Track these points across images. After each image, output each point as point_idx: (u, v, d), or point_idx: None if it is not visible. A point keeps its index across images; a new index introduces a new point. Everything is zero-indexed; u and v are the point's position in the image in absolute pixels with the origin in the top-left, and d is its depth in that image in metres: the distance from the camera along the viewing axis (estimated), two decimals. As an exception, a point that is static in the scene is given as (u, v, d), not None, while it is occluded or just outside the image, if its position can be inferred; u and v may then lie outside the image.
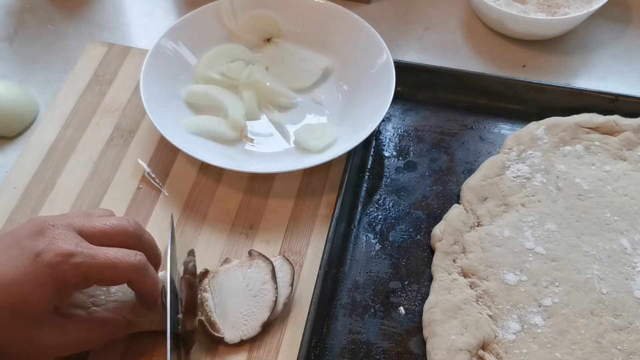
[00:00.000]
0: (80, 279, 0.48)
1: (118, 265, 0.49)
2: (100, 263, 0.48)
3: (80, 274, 0.47)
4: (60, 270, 0.47)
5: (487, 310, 0.57)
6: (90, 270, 0.48)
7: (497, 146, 0.70)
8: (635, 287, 0.58)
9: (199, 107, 0.72)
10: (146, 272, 0.51)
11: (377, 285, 0.60)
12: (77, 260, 0.47)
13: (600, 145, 0.68)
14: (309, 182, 0.68)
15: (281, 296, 0.57)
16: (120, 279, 0.50)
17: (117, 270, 0.49)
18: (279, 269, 0.59)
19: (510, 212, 0.63)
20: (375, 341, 0.57)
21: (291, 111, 0.73)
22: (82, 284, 0.49)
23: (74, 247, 0.48)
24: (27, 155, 0.70)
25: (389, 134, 0.72)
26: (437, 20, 0.85)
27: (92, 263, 0.48)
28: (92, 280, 0.49)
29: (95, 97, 0.75)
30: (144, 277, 0.51)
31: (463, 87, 0.73)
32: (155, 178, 0.68)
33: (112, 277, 0.49)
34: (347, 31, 0.75)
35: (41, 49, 0.82)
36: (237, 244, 0.63)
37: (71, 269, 0.47)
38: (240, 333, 0.55)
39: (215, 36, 0.76)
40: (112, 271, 0.48)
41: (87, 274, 0.48)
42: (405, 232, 0.64)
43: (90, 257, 0.48)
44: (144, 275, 0.51)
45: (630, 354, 0.54)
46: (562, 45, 0.81)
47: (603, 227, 0.62)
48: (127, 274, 0.50)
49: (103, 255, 0.48)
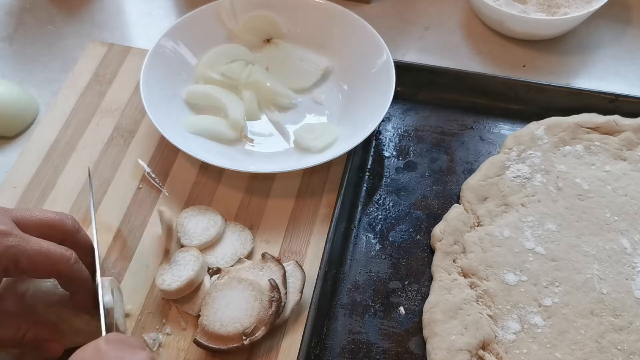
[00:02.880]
0: (10, 262, 0.47)
1: (50, 254, 0.49)
2: (32, 249, 0.48)
3: (12, 257, 0.47)
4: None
5: (487, 310, 0.57)
6: (22, 255, 0.48)
7: (497, 146, 0.70)
8: (635, 287, 0.58)
9: (199, 107, 0.73)
10: (77, 267, 0.51)
11: (377, 285, 0.60)
12: (10, 242, 0.47)
13: (600, 145, 0.68)
14: (309, 182, 0.68)
15: (290, 302, 0.57)
16: (50, 269, 0.50)
17: (48, 259, 0.49)
18: (290, 274, 0.58)
19: (510, 212, 0.63)
20: (375, 341, 0.57)
21: (291, 111, 0.73)
22: (12, 269, 0.48)
23: (8, 228, 0.48)
24: (27, 155, 0.70)
25: (389, 134, 0.72)
26: (437, 20, 0.85)
27: (24, 247, 0.48)
28: (23, 266, 0.48)
29: (95, 97, 0.75)
30: (75, 271, 0.51)
31: (463, 87, 0.73)
32: (155, 178, 0.68)
33: (42, 266, 0.49)
34: (347, 31, 0.75)
35: (41, 49, 0.82)
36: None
37: (3, 250, 0.47)
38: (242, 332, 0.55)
39: (215, 36, 0.76)
40: (43, 259, 0.48)
41: (18, 257, 0.47)
42: (405, 232, 0.64)
43: (23, 241, 0.48)
44: (74, 270, 0.51)
45: (630, 354, 0.54)
46: (562, 45, 0.81)
47: (603, 227, 0.62)
48: (58, 266, 0.50)
49: (36, 242, 0.49)
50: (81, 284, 0.52)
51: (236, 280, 0.58)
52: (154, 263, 0.61)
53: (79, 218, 0.64)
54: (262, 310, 0.55)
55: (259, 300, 0.56)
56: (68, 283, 0.52)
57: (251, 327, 0.55)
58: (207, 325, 0.55)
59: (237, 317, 0.55)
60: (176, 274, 0.58)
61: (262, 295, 0.56)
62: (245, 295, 0.56)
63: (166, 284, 0.58)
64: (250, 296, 0.56)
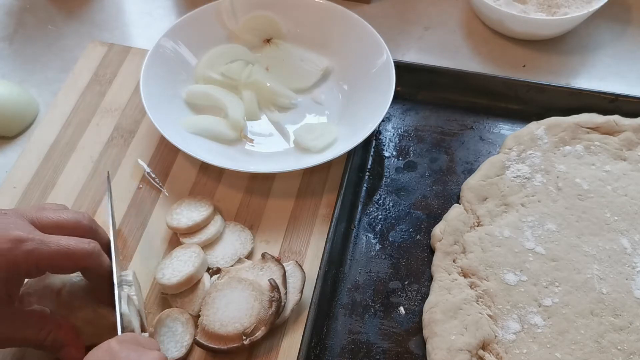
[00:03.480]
0: (31, 266, 0.47)
1: (71, 251, 0.48)
2: (52, 250, 0.47)
3: (32, 261, 0.47)
4: (11, 256, 0.46)
5: (487, 310, 0.57)
6: (42, 257, 0.47)
7: (497, 146, 0.70)
8: (635, 287, 0.58)
9: (199, 107, 0.73)
10: (100, 260, 0.50)
11: (377, 285, 0.60)
12: (29, 247, 0.46)
13: (600, 145, 0.68)
14: (309, 182, 0.68)
15: (290, 302, 0.57)
16: (73, 266, 0.49)
17: (70, 256, 0.48)
18: (290, 274, 0.58)
19: (510, 212, 0.63)
20: (375, 341, 0.57)
21: (291, 111, 0.73)
22: (34, 272, 0.48)
23: (25, 233, 0.47)
24: (27, 155, 0.70)
25: (389, 134, 0.72)
26: (437, 20, 0.85)
27: (44, 249, 0.47)
28: (45, 268, 0.48)
29: (95, 97, 0.75)
30: (99, 264, 0.50)
31: (463, 87, 0.73)
32: (155, 178, 0.68)
33: (65, 264, 0.49)
34: (347, 31, 0.75)
35: (41, 49, 0.82)
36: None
37: (23, 256, 0.46)
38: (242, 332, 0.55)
39: (215, 36, 0.76)
40: (65, 258, 0.48)
41: (39, 261, 0.47)
42: (405, 232, 0.64)
43: (42, 243, 0.47)
44: (98, 263, 0.50)
45: (630, 354, 0.54)
46: (562, 45, 0.81)
47: (603, 227, 0.62)
48: (81, 261, 0.49)
49: (56, 242, 0.48)
50: (105, 275, 0.52)
51: (236, 280, 0.58)
52: (154, 263, 0.61)
53: (80, 218, 0.64)
54: (262, 310, 0.55)
55: (259, 300, 0.56)
56: (92, 276, 0.51)
57: (251, 327, 0.55)
58: (207, 325, 0.55)
59: (237, 317, 0.55)
60: (176, 268, 0.59)
61: (262, 295, 0.56)
62: (245, 295, 0.56)
63: (166, 278, 0.58)
64: (250, 296, 0.56)
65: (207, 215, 0.63)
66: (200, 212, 0.63)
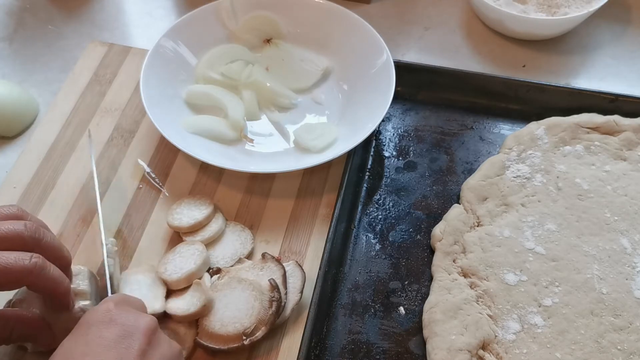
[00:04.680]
0: None
1: (8, 270, 0.45)
2: None
3: None
4: None
5: (487, 310, 0.57)
6: None
7: (497, 146, 0.70)
8: (635, 287, 0.58)
9: (199, 107, 0.72)
10: (43, 274, 0.47)
11: (377, 285, 0.60)
12: None
13: (600, 145, 0.68)
14: (309, 182, 0.68)
15: (290, 302, 0.57)
16: (14, 284, 0.46)
17: (7, 275, 0.45)
18: (290, 274, 0.58)
19: (510, 212, 0.63)
20: (375, 341, 0.57)
21: (291, 111, 0.73)
22: None
23: None
24: (27, 155, 0.70)
25: (389, 134, 0.72)
26: (437, 20, 0.85)
27: None
28: None
29: (95, 97, 0.75)
30: (42, 279, 0.47)
31: (463, 87, 0.73)
32: (155, 178, 0.68)
33: (5, 282, 0.45)
34: (347, 31, 0.75)
35: (41, 49, 0.82)
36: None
37: None
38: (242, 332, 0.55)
39: (215, 36, 0.76)
40: (3, 276, 0.45)
41: None
42: (405, 232, 0.64)
43: None
44: (42, 278, 0.47)
45: (630, 354, 0.54)
46: (562, 45, 0.81)
47: (603, 227, 0.62)
48: (20, 278, 0.46)
49: None
50: (54, 287, 0.49)
51: (236, 280, 0.58)
52: (154, 263, 0.61)
53: (81, 217, 0.65)
54: (262, 310, 0.55)
55: (259, 300, 0.56)
56: (38, 290, 0.49)
57: (251, 327, 0.55)
58: (207, 325, 0.55)
59: (237, 317, 0.55)
60: (178, 265, 0.59)
61: (262, 295, 0.56)
62: (246, 295, 0.56)
63: (167, 273, 0.58)
64: (250, 296, 0.56)
65: (208, 214, 0.63)
66: (201, 211, 0.63)
